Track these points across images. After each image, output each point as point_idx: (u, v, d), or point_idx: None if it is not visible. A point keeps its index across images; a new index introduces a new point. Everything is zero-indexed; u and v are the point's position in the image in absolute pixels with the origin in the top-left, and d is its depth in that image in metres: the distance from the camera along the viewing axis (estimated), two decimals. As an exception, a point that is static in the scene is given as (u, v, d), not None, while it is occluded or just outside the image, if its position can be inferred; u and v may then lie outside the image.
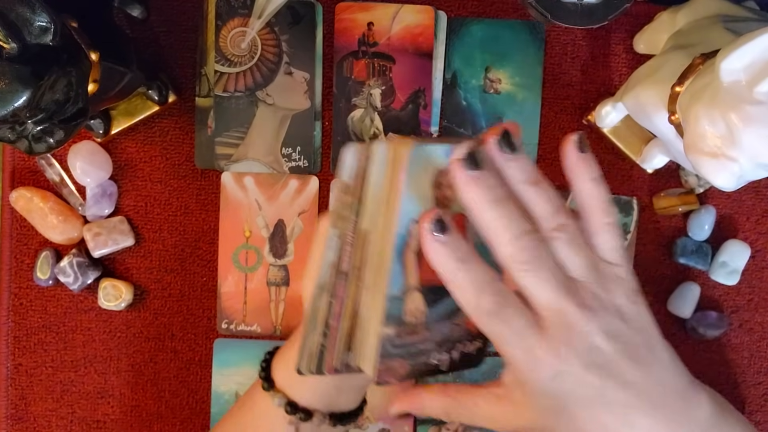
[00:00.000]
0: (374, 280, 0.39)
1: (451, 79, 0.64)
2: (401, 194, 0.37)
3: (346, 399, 0.49)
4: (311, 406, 0.47)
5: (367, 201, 0.39)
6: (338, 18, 0.63)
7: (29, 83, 0.43)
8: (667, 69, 0.49)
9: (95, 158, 0.62)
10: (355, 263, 0.40)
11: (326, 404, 0.48)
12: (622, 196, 0.64)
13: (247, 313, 0.64)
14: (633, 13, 0.62)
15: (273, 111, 0.63)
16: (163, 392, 0.65)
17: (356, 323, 0.40)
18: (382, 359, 0.39)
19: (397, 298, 0.39)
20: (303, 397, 0.47)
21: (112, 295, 0.63)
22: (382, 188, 0.38)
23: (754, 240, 0.65)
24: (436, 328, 0.41)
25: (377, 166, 0.38)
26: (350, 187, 0.40)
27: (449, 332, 0.41)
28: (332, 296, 0.41)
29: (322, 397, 0.48)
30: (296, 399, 0.47)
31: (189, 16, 0.63)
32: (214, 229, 0.64)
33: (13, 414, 0.65)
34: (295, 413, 0.47)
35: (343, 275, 0.40)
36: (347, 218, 0.40)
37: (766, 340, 0.66)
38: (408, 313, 0.39)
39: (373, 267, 0.39)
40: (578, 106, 0.64)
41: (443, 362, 0.42)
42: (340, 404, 0.49)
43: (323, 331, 0.41)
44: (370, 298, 0.39)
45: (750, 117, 0.41)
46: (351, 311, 0.40)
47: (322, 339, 0.41)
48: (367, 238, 0.39)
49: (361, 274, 0.40)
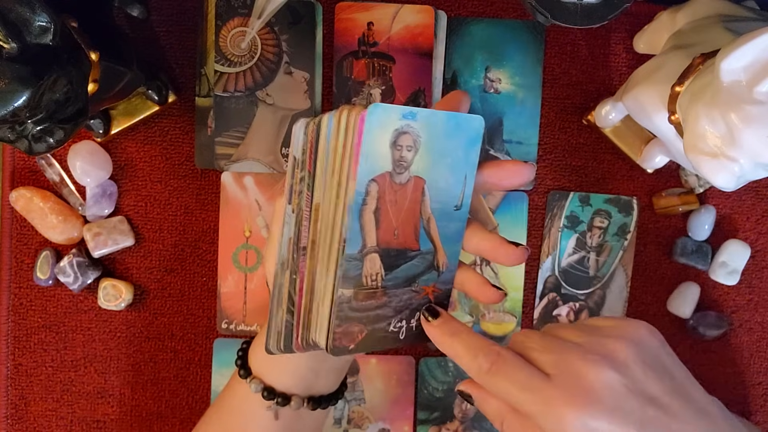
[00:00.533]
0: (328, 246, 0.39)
1: (451, 79, 0.64)
2: (359, 154, 0.37)
3: (325, 382, 0.49)
4: (289, 390, 0.48)
5: (318, 173, 0.40)
6: (338, 18, 0.63)
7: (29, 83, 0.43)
8: (667, 69, 0.49)
9: (95, 158, 0.62)
10: (311, 237, 0.40)
11: (304, 388, 0.48)
12: (622, 196, 0.64)
13: (247, 313, 0.64)
14: (633, 12, 0.62)
15: (273, 111, 0.63)
16: (163, 392, 0.65)
17: (312, 297, 0.41)
18: (340, 322, 0.40)
19: (356, 259, 0.39)
20: (280, 382, 0.48)
21: (112, 295, 0.63)
22: (334, 156, 0.39)
23: (754, 240, 0.65)
24: (394, 294, 0.41)
25: (326, 137, 0.39)
26: (302, 161, 0.40)
27: (408, 299, 0.42)
28: (294, 272, 0.41)
29: (300, 380, 0.48)
30: (273, 384, 0.48)
31: (189, 16, 0.63)
32: (214, 229, 0.64)
33: (13, 414, 0.65)
34: (273, 398, 0.48)
35: (302, 251, 0.41)
36: (301, 193, 0.40)
37: (766, 340, 0.66)
38: (366, 274, 0.40)
39: (326, 233, 0.40)
40: (578, 106, 0.64)
41: (401, 330, 0.43)
42: (318, 387, 0.49)
43: (288, 307, 0.42)
44: (324, 266, 0.40)
45: (750, 117, 0.41)
46: (308, 286, 0.41)
47: (288, 316, 0.42)
48: (319, 210, 0.40)
49: (315, 247, 0.40)
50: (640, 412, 0.36)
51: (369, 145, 0.38)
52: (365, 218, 0.39)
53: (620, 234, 0.64)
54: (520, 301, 0.65)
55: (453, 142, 0.40)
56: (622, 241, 0.64)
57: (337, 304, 0.40)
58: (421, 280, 0.42)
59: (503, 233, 0.64)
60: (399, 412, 0.65)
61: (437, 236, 0.42)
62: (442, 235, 0.42)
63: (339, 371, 0.51)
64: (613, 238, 0.64)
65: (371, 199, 0.39)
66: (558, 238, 0.64)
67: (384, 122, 0.38)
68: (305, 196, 0.40)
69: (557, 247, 0.65)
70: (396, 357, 0.65)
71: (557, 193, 0.64)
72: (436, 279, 0.43)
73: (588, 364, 0.37)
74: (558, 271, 0.65)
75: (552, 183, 0.65)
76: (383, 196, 0.39)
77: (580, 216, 0.64)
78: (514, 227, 0.64)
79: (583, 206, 0.64)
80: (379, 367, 0.65)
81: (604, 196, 0.64)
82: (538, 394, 0.37)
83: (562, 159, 0.65)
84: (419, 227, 0.41)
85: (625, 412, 0.36)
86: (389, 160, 0.39)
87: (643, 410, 0.36)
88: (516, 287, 0.65)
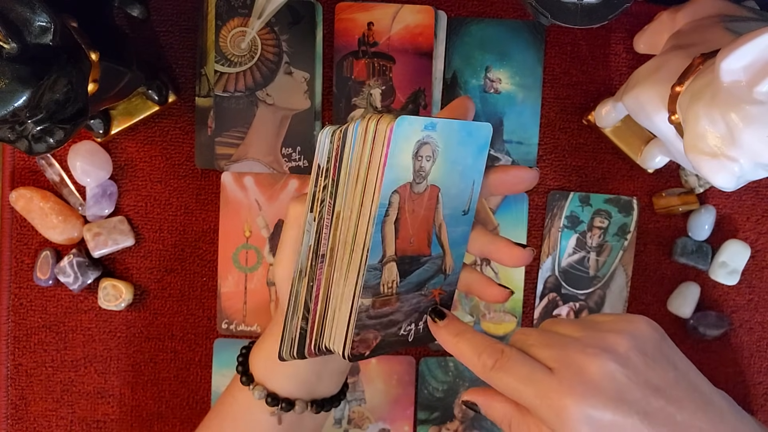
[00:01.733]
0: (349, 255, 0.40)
1: (451, 79, 0.64)
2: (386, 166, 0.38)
3: (327, 384, 0.49)
4: (292, 395, 0.48)
5: (341, 181, 0.40)
6: (338, 18, 0.63)
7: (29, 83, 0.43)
8: (667, 69, 0.49)
9: (95, 158, 0.62)
10: (331, 245, 0.41)
11: (307, 392, 0.48)
12: (622, 196, 0.64)
13: (247, 313, 0.64)
14: (633, 12, 0.62)
15: (273, 111, 0.63)
16: (163, 392, 0.65)
17: (328, 305, 0.41)
18: (359, 331, 0.40)
19: (376, 269, 0.39)
20: (283, 387, 0.48)
21: (112, 295, 0.63)
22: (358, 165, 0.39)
23: (754, 240, 0.65)
24: (406, 299, 0.42)
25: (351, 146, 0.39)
26: (326, 169, 0.40)
27: (417, 303, 0.42)
28: (311, 280, 0.41)
29: (303, 385, 0.48)
30: (276, 390, 0.48)
31: (189, 16, 0.63)
32: (214, 229, 0.64)
33: (13, 414, 0.65)
34: (277, 404, 0.47)
35: (320, 258, 0.41)
36: (324, 201, 0.40)
37: (766, 339, 0.66)
38: (383, 282, 0.40)
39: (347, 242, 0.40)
40: (578, 106, 0.64)
41: (410, 333, 0.43)
42: (321, 390, 0.49)
43: (304, 314, 0.42)
44: (343, 275, 0.40)
45: (750, 117, 0.41)
46: (324, 293, 0.41)
47: (303, 323, 0.42)
48: (340, 218, 0.40)
49: (333, 255, 0.40)
50: (643, 402, 0.36)
51: (394, 156, 0.38)
52: (386, 229, 0.39)
53: (620, 234, 0.64)
54: (521, 301, 0.65)
55: (465, 150, 0.41)
56: (622, 241, 0.64)
57: (357, 313, 0.40)
58: (430, 284, 0.42)
59: (503, 233, 0.64)
60: (399, 412, 0.65)
61: (447, 241, 0.42)
62: (450, 240, 0.42)
63: (341, 373, 0.51)
64: (613, 238, 0.64)
65: (393, 210, 0.39)
66: (558, 238, 0.64)
67: (408, 134, 0.38)
68: (327, 204, 0.40)
69: (557, 247, 0.65)
70: (396, 357, 0.65)
71: (557, 193, 0.64)
72: (443, 282, 0.43)
73: (589, 357, 0.37)
74: (558, 271, 0.65)
75: (552, 183, 0.65)
76: (403, 206, 0.39)
77: (580, 216, 0.64)
78: (514, 227, 0.64)
79: (583, 206, 0.64)
80: (380, 367, 0.65)
81: (604, 196, 0.64)
82: (540, 386, 0.37)
83: (562, 159, 0.64)
84: (432, 234, 0.41)
85: (627, 402, 0.36)
86: (410, 171, 0.39)
87: (646, 400, 0.36)
88: (516, 287, 0.65)
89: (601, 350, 0.37)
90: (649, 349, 0.38)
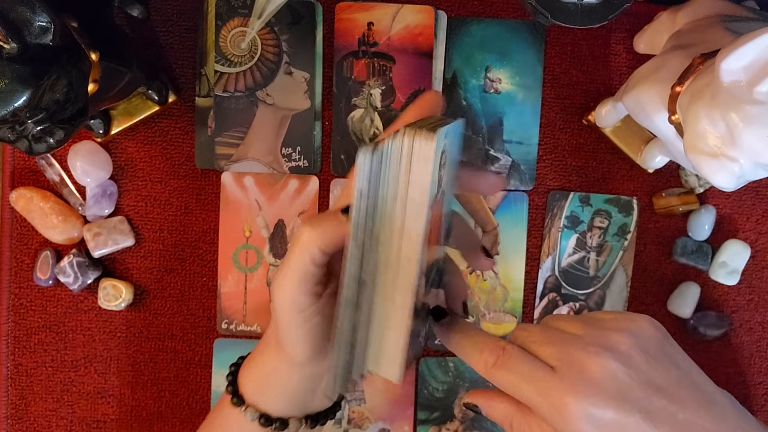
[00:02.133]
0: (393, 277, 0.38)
1: (451, 79, 0.64)
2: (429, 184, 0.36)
3: (321, 398, 0.47)
4: (285, 414, 0.45)
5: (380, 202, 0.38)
6: (338, 18, 0.63)
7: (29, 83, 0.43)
8: (667, 69, 0.49)
9: (95, 158, 0.62)
10: (371, 269, 0.38)
11: (301, 409, 0.46)
12: (622, 196, 0.64)
13: (247, 313, 0.64)
14: (633, 12, 0.62)
15: (273, 111, 0.63)
16: (163, 392, 0.65)
17: (370, 330, 0.39)
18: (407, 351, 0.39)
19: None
20: (276, 407, 0.45)
21: (112, 295, 0.63)
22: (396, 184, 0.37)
23: (754, 240, 0.65)
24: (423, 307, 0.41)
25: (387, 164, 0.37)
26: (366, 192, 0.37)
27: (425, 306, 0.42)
28: (357, 309, 0.39)
29: (296, 403, 0.46)
30: (268, 410, 0.45)
31: (189, 16, 0.63)
32: (214, 229, 0.64)
33: (13, 414, 0.65)
34: (270, 425, 0.45)
35: (363, 284, 0.39)
36: (365, 226, 0.38)
37: (766, 340, 0.66)
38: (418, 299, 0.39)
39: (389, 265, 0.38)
40: (578, 106, 0.64)
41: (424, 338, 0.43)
42: (315, 405, 0.47)
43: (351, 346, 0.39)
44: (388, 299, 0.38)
45: (750, 117, 0.41)
46: (366, 318, 0.39)
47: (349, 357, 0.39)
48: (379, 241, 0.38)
49: (375, 278, 0.38)
50: (645, 401, 0.36)
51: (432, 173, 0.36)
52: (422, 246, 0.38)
53: (620, 234, 0.64)
54: (521, 301, 0.65)
55: (456, 148, 0.41)
56: (622, 241, 0.64)
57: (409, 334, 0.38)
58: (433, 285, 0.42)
59: (503, 233, 0.64)
60: (399, 412, 0.65)
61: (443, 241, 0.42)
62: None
63: None
64: (613, 238, 0.64)
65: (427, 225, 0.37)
66: (558, 238, 0.64)
67: (439, 147, 0.36)
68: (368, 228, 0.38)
69: (557, 247, 0.65)
70: (396, 357, 0.65)
71: (557, 193, 0.64)
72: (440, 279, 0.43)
73: (590, 355, 0.37)
74: (558, 271, 0.65)
75: (552, 183, 0.65)
76: (432, 220, 0.38)
77: (580, 216, 0.64)
78: (514, 227, 0.64)
79: (583, 206, 0.64)
80: (379, 367, 0.65)
81: (604, 196, 0.64)
82: (541, 385, 0.37)
83: (562, 159, 0.64)
84: (441, 237, 0.41)
85: (629, 401, 0.36)
86: (437, 183, 0.37)
87: (648, 399, 0.36)
88: (516, 287, 0.65)
89: (603, 349, 0.37)
90: (651, 348, 0.38)
